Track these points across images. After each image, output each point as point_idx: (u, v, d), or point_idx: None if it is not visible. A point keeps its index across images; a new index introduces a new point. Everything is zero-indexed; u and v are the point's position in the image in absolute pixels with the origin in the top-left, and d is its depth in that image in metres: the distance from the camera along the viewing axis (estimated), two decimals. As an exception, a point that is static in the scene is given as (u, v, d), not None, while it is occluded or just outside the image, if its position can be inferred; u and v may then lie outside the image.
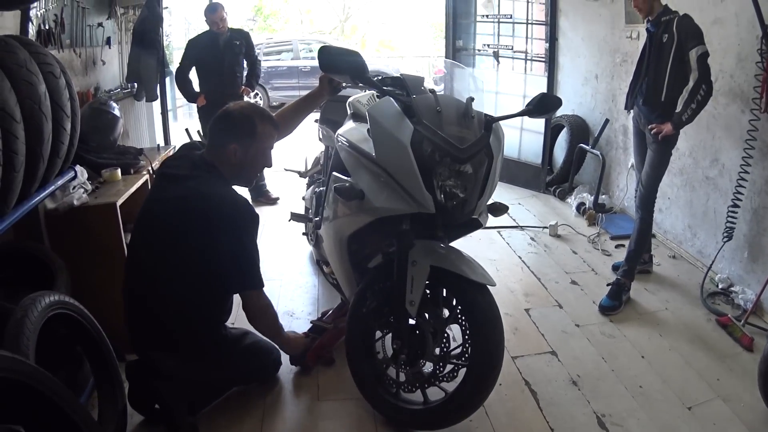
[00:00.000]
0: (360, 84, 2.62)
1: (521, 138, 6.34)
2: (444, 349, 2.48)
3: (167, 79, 5.69)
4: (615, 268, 4.16)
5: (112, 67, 4.92)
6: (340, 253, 2.76)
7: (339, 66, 2.43)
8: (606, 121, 5.22)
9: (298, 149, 5.06)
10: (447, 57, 6.93)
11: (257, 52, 6.05)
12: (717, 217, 4.03)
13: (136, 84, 5.05)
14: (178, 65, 5.49)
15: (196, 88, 5.47)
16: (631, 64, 4.28)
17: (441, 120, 2.39)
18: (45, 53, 2.58)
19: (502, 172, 2.61)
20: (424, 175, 2.30)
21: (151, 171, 3.51)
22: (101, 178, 3.28)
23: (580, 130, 5.87)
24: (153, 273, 2.45)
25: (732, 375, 3.01)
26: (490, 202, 2.61)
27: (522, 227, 5.17)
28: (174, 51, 7.15)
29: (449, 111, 2.44)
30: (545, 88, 5.92)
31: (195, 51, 5.36)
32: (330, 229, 2.81)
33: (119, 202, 3.03)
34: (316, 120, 3.84)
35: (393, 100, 2.45)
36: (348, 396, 2.80)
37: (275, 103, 12.61)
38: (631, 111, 3.85)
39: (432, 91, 2.54)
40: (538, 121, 5.86)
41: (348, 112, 3.09)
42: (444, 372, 2.50)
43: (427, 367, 2.53)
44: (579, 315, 3.63)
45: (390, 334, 2.57)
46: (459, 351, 2.47)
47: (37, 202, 2.61)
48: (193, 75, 5.48)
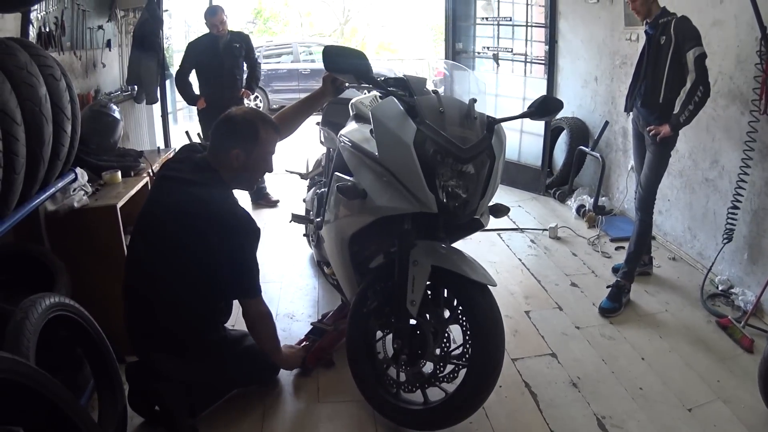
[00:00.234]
0: (363, 84, 2.62)
1: (521, 140, 6.34)
2: (444, 350, 2.48)
3: (167, 82, 5.70)
4: (615, 270, 4.16)
5: (112, 70, 4.93)
6: (341, 254, 2.76)
7: (343, 66, 2.44)
8: (606, 124, 5.22)
9: (299, 151, 5.06)
10: (447, 59, 6.93)
11: (257, 54, 6.05)
12: (717, 219, 4.03)
13: (136, 86, 5.05)
14: (178, 68, 5.49)
15: (196, 90, 5.47)
16: (631, 66, 4.28)
17: (444, 120, 2.39)
18: (45, 55, 2.58)
19: (502, 174, 2.61)
20: (426, 175, 2.30)
21: (152, 173, 3.51)
22: (101, 180, 3.28)
23: (579, 132, 5.88)
24: (152, 275, 2.44)
25: (732, 376, 3.01)
26: (491, 203, 2.62)
27: (522, 229, 5.17)
28: (174, 54, 7.17)
29: (452, 112, 2.44)
30: (545, 90, 5.93)
31: (195, 54, 5.36)
32: (331, 230, 2.81)
33: (119, 204, 3.03)
34: (317, 123, 3.85)
35: (396, 100, 2.45)
36: (348, 398, 2.80)
37: (275, 106, 12.60)
38: (631, 113, 3.85)
39: (435, 92, 2.55)
40: (537, 124, 5.87)
41: (350, 113, 3.09)
42: (444, 372, 2.50)
43: (428, 368, 2.53)
44: (579, 317, 3.63)
45: (391, 334, 2.57)
46: (459, 351, 2.47)
47: (38, 204, 2.61)
48: (193, 78, 5.48)
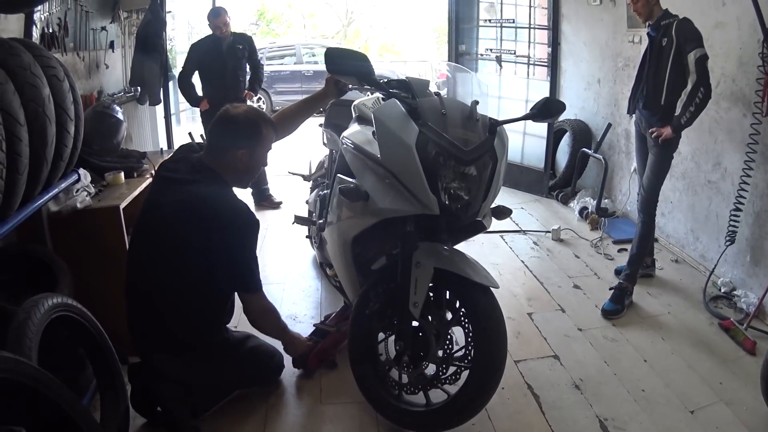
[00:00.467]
0: (366, 86, 2.63)
1: (524, 142, 6.34)
2: (447, 351, 2.49)
3: (170, 83, 5.71)
4: (617, 272, 4.16)
5: (115, 71, 4.94)
6: (344, 255, 2.76)
7: (346, 68, 2.44)
8: (608, 126, 5.22)
9: (302, 153, 5.06)
10: (450, 61, 6.93)
11: (260, 56, 6.06)
12: (719, 221, 4.02)
13: (139, 88, 5.06)
14: (181, 69, 5.50)
15: (199, 92, 5.48)
16: (633, 68, 4.28)
17: (446, 123, 2.39)
18: (49, 56, 2.59)
19: (504, 176, 2.61)
20: (428, 177, 2.30)
21: (154, 174, 3.52)
22: (104, 181, 3.28)
23: (582, 134, 5.87)
24: (153, 276, 2.44)
25: (735, 378, 3.01)
26: (493, 205, 2.62)
27: (525, 231, 5.16)
28: (177, 55, 7.18)
29: (454, 114, 2.45)
30: (548, 92, 5.92)
31: (198, 55, 5.36)
32: (334, 231, 2.81)
33: (122, 205, 3.04)
34: (320, 124, 3.85)
35: (398, 102, 2.46)
36: (351, 399, 2.80)
37: (278, 108, 12.58)
38: (633, 115, 3.85)
39: (437, 94, 2.55)
40: (540, 126, 5.86)
41: (353, 115, 3.09)
42: (447, 374, 2.50)
43: (430, 369, 2.53)
44: (581, 319, 3.62)
45: (393, 336, 2.57)
46: (462, 353, 2.47)
47: (41, 204, 2.62)
48: (196, 79, 5.48)
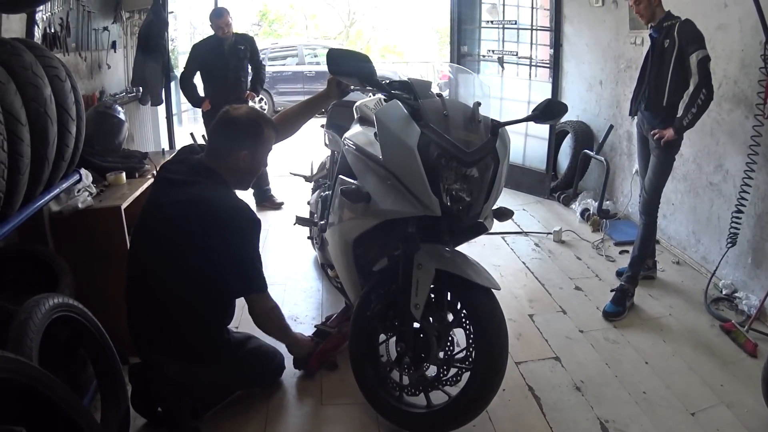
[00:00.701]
0: (368, 87, 2.63)
1: (526, 144, 6.34)
2: (448, 353, 2.48)
3: (172, 84, 5.72)
4: (619, 274, 4.15)
5: (117, 71, 4.94)
6: (345, 257, 2.76)
7: (348, 69, 2.44)
8: (610, 127, 5.21)
9: (304, 154, 5.06)
10: (452, 63, 6.93)
11: (262, 57, 6.06)
12: (721, 223, 4.02)
13: (141, 88, 5.07)
14: (182, 70, 5.50)
15: (200, 93, 5.48)
16: (636, 70, 4.27)
17: (448, 124, 2.39)
18: (51, 56, 2.59)
19: (506, 177, 2.61)
20: (430, 179, 2.30)
21: (155, 175, 3.52)
22: (106, 181, 3.28)
23: (584, 136, 5.87)
24: (154, 277, 2.44)
25: (736, 381, 3.00)
26: (495, 206, 2.62)
27: (526, 233, 5.16)
28: (179, 55, 7.19)
29: (456, 115, 2.45)
30: (550, 94, 5.91)
31: (200, 56, 5.37)
32: (335, 233, 2.81)
33: (124, 205, 3.04)
34: (322, 125, 3.85)
35: (400, 103, 2.45)
36: (352, 400, 2.80)
37: (280, 108, 12.61)
38: (635, 117, 3.85)
39: (439, 96, 2.55)
40: (542, 127, 5.85)
41: (355, 116, 3.09)
42: (448, 376, 2.50)
43: (431, 371, 2.53)
44: (583, 321, 3.62)
45: (394, 337, 2.57)
46: (463, 355, 2.47)
47: (42, 204, 2.62)
48: (198, 80, 5.49)
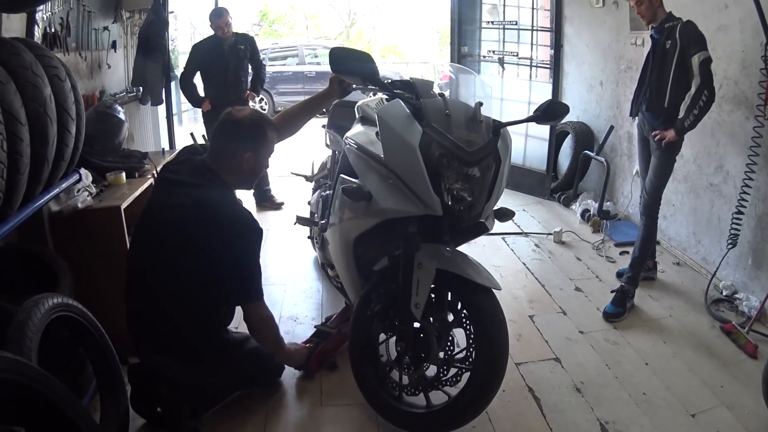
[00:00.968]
0: (370, 86, 2.62)
1: (526, 144, 6.34)
2: (448, 353, 2.48)
3: (172, 84, 5.71)
4: (619, 275, 4.15)
5: (117, 71, 4.94)
6: (345, 256, 2.76)
7: (350, 68, 2.43)
8: (611, 128, 5.21)
9: (305, 154, 5.06)
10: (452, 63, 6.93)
11: (262, 57, 6.05)
12: (721, 224, 4.02)
13: (141, 88, 5.06)
14: (182, 70, 5.50)
15: (200, 93, 5.48)
16: (636, 71, 4.27)
17: (450, 123, 2.39)
18: (50, 56, 2.59)
19: (507, 178, 2.61)
20: (432, 178, 2.30)
21: (156, 175, 3.51)
22: (106, 181, 3.28)
23: (584, 136, 5.86)
24: (154, 278, 2.43)
25: (736, 382, 3.00)
26: (496, 207, 2.61)
27: (526, 234, 5.16)
28: (179, 55, 7.19)
29: (458, 115, 2.45)
30: (550, 94, 5.90)
31: (200, 56, 5.36)
32: (336, 232, 2.80)
33: (124, 205, 3.03)
34: (323, 125, 3.84)
35: (402, 102, 2.45)
36: (351, 401, 2.80)
37: (280, 109, 12.60)
38: (636, 118, 3.85)
39: (441, 95, 2.55)
40: (542, 128, 5.85)
41: (356, 116, 3.09)
42: (447, 376, 2.50)
43: (431, 371, 2.53)
44: (583, 322, 3.62)
45: (394, 337, 2.57)
46: (463, 355, 2.46)
47: (42, 204, 2.62)
48: (198, 80, 5.48)
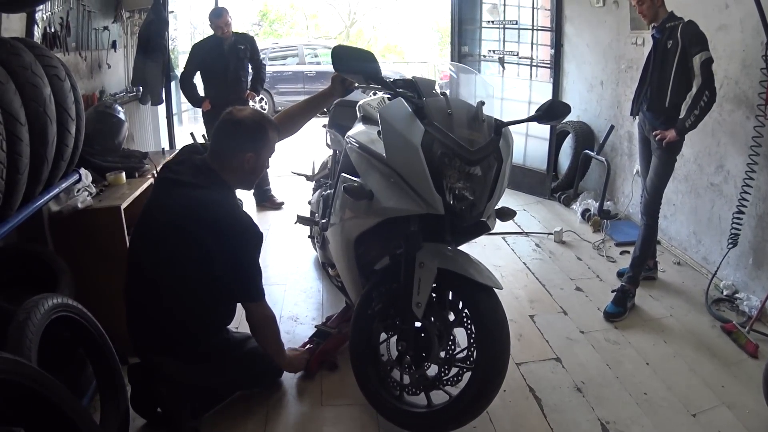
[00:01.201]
0: (372, 85, 2.61)
1: (526, 144, 6.34)
2: (449, 353, 2.48)
3: (172, 84, 5.71)
4: (620, 274, 4.15)
5: (117, 71, 4.93)
6: (346, 255, 2.75)
7: (353, 67, 2.43)
8: (611, 128, 5.20)
9: (305, 153, 5.06)
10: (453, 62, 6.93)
11: (262, 56, 6.05)
12: (722, 224, 4.01)
13: (141, 88, 5.06)
14: (182, 70, 5.50)
15: (200, 92, 5.47)
16: (636, 70, 4.27)
17: (452, 122, 2.39)
18: (50, 56, 2.59)
19: (508, 177, 2.60)
20: (433, 177, 2.30)
21: (156, 174, 3.51)
22: (106, 181, 3.28)
23: (585, 136, 5.86)
24: (154, 278, 2.43)
25: (737, 382, 3.00)
26: (497, 206, 2.61)
27: (527, 233, 5.16)
28: (179, 55, 7.18)
29: (460, 114, 2.44)
30: (550, 94, 5.90)
31: (200, 55, 5.36)
32: (337, 231, 2.80)
33: (124, 205, 3.03)
34: (324, 125, 3.84)
35: (404, 101, 2.45)
36: (352, 401, 2.79)
37: (280, 108, 12.60)
38: (637, 117, 3.84)
39: (443, 94, 2.54)
40: (543, 128, 5.84)
41: (358, 115, 3.09)
42: (449, 375, 2.50)
43: (432, 370, 2.53)
44: (584, 321, 3.61)
45: (395, 336, 2.56)
46: (464, 355, 2.46)
47: (41, 204, 2.61)
48: (198, 79, 5.48)
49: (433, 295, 2.45)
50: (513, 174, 2.78)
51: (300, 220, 3.75)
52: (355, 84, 2.81)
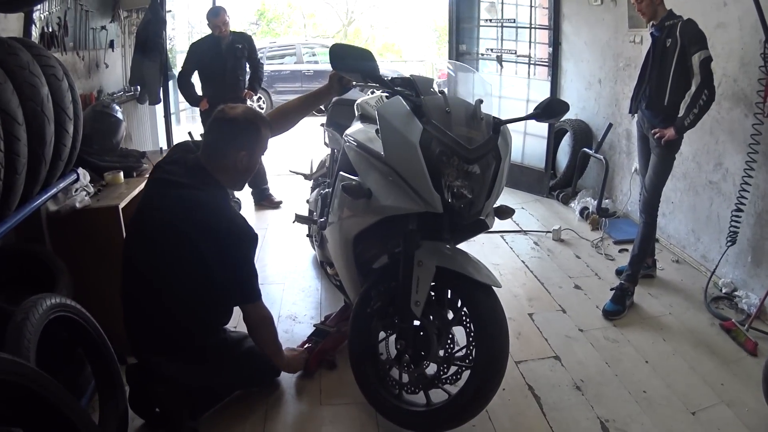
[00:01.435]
0: (370, 83, 2.61)
1: (525, 142, 6.33)
2: (448, 351, 2.48)
3: (170, 83, 5.70)
4: (618, 272, 4.16)
5: (115, 70, 4.93)
6: (345, 254, 2.75)
7: (351, 65, 2.43)
8: (609, 126, 5.21)
9: (303, 152, 5.06)
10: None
11: (260, 55, 6.04)
12: (720, 222, 4.02)
13: (139, 87, 5.06)
14: (180, 69, 5.49)
15: (198, 92, 5.47)
16: (635, 68, 4.27)
17: (450, 121, 2.38)
18: (48, 55, 2.59)
19: (507, 176, 2.60)
20: (432, 175, 2.29)
21: (150, 175, 3.51)
22: (104, 180, 3.27)
23: (583, 134, 5.86)
24: (149, 279, 2.42)
25: (736, 380, 3.00)
26: (496, 204, 2.61)
27: (525, 232, 5.16)
28: (177, 54, 7.16)
29: (458, 112, 2.44)
30: (548, 92, 5.91)
31: (197, 55, 5.35)
32: (335, 230, 2.80)
33: (122, 205, 3.03)
34: (322, 124, 3.84)
35: (402, 99, 2.44)
36: (351, 400, 2.79)
37: (278, 107, 12.60)
38: (635, 115, 3.84)
39: (441, 93, 2.54)
40: (541, 126, 5.86)
41: (356, 113, 3.08)
42: (448, 374, 2.49)
43: (431, 369, 2.52)
44: (582, 320, 3.61)
45: (394, 334, 2.56)
46: (463, 353, 2.46)
47: (39, 204, 2.61)
48: (196, 79, 5.47)
49: (432, 294, 2.45)
50: (511, 172, 2.78)
51: (298, 218, 3.74)
52: (353, 82, 2.80)
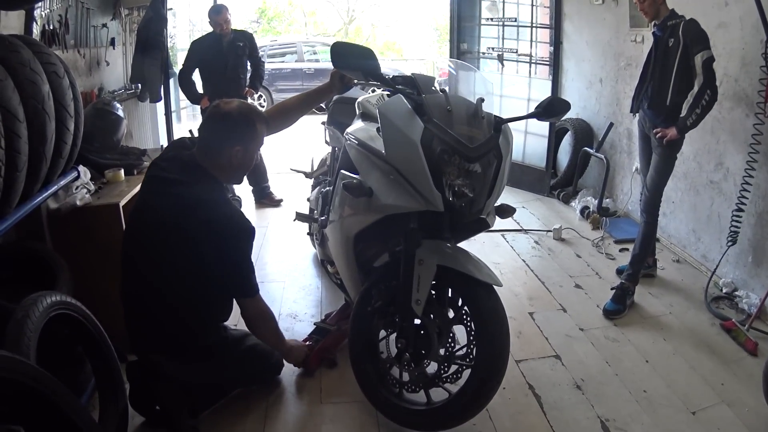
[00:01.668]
0: (371, 82, 2.61)
1: (525, 141, 6.33)
2: (449, 350, 2.48)
3: (171, 81, 5.70)
4: (619, 272, 4.15)
5: (116, 68, 4.93)
6: (346, 252, 2.75)
7: (352, 63, 2.42)
8: (610, 125, 5.20)
9: (304, 150, 5.06)
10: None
11: (261, 54, 6.04)
12: (721, 222, 4.01)
13: (140, 85, 5.06)
14: (181, 67, 5.49)
15: (199, 89, 5.47)
16: (636, 67, 4.26)
17: (451, 119, 2.38)
18: (49, 53, 2.58)
19: (508, 174, 2.60)
20: (433, 174, 2.29)
21: (146, 173, 3.51)
22: (104, 178, 3.27)
23: (584, 133, 5.86)
24: (149, 277, 2.42)
25: (736, 380, 3.00)
26: (497, 203, 2.61)
27: (526, 231, 5.16)
28: (178, 52, 7.17)
29: (459, 111, 2.43)
30: (549, 91, 5.91)
31: (198, 53, 5.36)
32: (336, 228, 2.79)
33: (122, 202, 3.03)
34: (323, 122, 3.83)
35: (404, 98, 2.44)
36: (351, 399, 2.79)
37: (279, 106, 12.59)
38: (637, 114, 3.84)
39: (443, 91, 2.54)
40: (542, 125, 5.86)
41: (357, 112, 3.08)
42: (448, 373, 2.49)
43: (431, 368, 2.52)
44: (583, 319, 3.61)
45: (394, 333, 2.56)
46: (464, 352, 2.46)
47: (40, 201, 2.61)
48: (197, 76, 5.47)
49: (433, 293, 2.44)
50: (512, 171, 2.77)
51: (299, 217, 3.74)
52: (354, 81, 2.80)
